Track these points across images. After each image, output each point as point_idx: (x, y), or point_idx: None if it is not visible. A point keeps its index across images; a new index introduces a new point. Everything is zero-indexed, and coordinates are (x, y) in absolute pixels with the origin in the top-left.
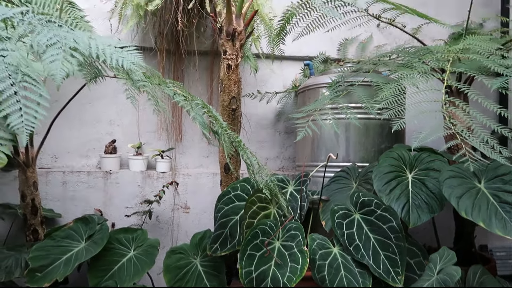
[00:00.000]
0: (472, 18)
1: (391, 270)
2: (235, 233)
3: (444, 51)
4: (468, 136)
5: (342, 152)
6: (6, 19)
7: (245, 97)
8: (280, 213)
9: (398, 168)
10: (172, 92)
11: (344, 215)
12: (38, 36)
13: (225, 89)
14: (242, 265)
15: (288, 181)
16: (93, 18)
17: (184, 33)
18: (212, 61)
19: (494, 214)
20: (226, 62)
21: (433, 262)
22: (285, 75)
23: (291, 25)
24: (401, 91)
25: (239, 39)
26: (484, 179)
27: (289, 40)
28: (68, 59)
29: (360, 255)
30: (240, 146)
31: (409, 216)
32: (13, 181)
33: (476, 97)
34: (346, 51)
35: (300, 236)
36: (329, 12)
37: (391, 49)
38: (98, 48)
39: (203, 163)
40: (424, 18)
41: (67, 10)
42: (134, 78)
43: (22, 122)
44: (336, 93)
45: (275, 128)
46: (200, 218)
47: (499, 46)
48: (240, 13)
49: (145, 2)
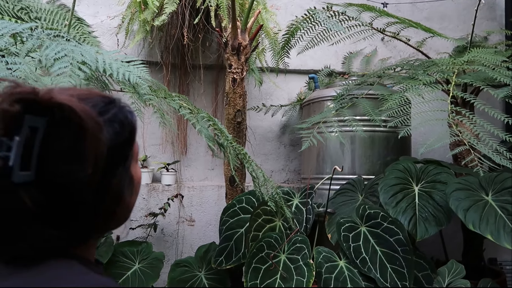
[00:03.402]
0: (476, 32)
1: (398, 284)
2: (240, 246)
3: (449, 64)
4: (476, 143)
5: (347, 164)
6: (16, 34)
7: (250, 110)
8: (286, 225)
9: (404, 180)
10: (177, 105)
11: (350, 228)
12: (47, 50)
13: (230, 102)
14: (247, 279)
15: (294, 194)
16: (101, 34)
17: (190, 47)
18: (217, 75)
19: (503, 227)
20: (232, 76)
21: (442, 275)
22: (290, 88)
23: (295, 39)
24: (406, 101)
25: (244, 53)
26: (492, 191)
27: (294, 53)
28: (75, 72)
29: (367, 268)
30: (246, 158)
31: (416, 229)
32: None
33: (482, 107)
34: (351, 65)
35: (306, 249)
36: (334, 26)
37: (396, 62)
38: (105, 62)
39: (208, 176)
40: (429, 32)
41: (75, 26)
42: (140, 92)
43: None
44: (341, 105)
45: (280, 140)
46: (205, 231)
47: (504, 59)
48: (245, 28)
49: (152, 18)
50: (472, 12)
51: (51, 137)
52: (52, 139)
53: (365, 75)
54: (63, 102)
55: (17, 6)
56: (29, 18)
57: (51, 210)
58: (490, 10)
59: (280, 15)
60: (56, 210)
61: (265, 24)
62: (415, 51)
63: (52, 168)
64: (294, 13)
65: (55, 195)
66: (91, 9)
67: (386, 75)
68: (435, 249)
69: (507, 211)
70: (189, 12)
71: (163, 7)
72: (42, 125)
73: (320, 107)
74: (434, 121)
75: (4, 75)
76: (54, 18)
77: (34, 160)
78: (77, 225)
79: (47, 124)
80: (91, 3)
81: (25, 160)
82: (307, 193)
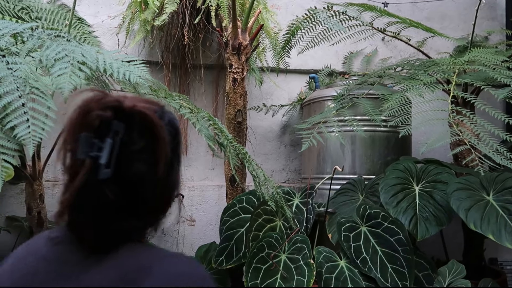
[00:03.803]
0: (476, 32)
1: (399, 284)
2: (240, 246)
3: (449, 63)
4: (477, 143)
5: (348, 164)
6: (16, 34)
7: (251, 110)
8: (286, 225)
9: (405, 180)
10: (178, 105)
11: (351, 228)
12: (47, 51)
13: (230, 102)
14: (248, 278)
15: (294, 194)
16: (101, 34)
17: (190, 47)
18: (217, 74)
19: (504, 226)
20: (232, 75)
21: (442, 275)
22: (291, 88)
23: (296, 39)
24: (406, 100)
25: (244, 53)
26: (493, 191)
27: (294, 53)
28: (76, 73)
29: (367, 268)
30: (246, 158)
31: (416, 228)
32: (20, 194)
33: (483, 107)
34: (351, 64)
35: (306, 249)
36: (334, 26)
37: (396, 62)
38: (105, 62)
39: (208, 175)
40: (429, 32)
41: (76, 25)
42: (141, 91)
43: (29, 133)
44: (341, 105)
45: (281, 140)
46: (205, 231)
47: (505, 59)
48: (246, 28)
49: (152, 17)
50: (473, 11)
51: (129, 140)
52: (130, 142)
53: (365, 75)
54: (142, 110)
55: (17, 6)
56: (29, 18)
57: (130, 203)
58: (490, 9)
59: (281, 15)
60: (134, 203)
61: (265, 24)
62: (415, 51)
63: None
64: (294, 13)
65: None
66: (91, 9)
67: (386, 75)
68: (435, 249)
69: (508, 210)
70: (189, 12)
71: (163, 7)
72: (122, 129)
73: (320, 107)
74: (435, 121)
75: (5, 75)
76: (54, 18)
77: (113, 159)
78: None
79: (126, 128)
80: (92, 3)
81: (108, 159)
82: (308, 193)
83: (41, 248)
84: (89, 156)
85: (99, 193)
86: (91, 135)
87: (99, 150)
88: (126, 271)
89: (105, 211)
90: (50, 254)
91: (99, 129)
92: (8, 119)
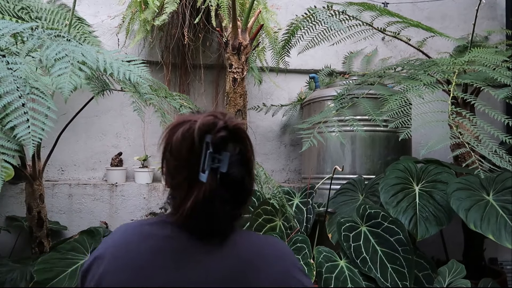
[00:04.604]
0: (477, 31)
1: (399, 284)
2: None
3: (449, 64)
4: (477, 146)
5: (348, 164)
6: (17, 34)
7: (251, 110)
8: (286, 225)
9: (405, 180)
10: (178, 104)
11: (351, 228)
12: (47, 50)
13: (230, 102)
14: None
15: (294, 194)
16: (101, 33)
17: (190, 47)
18: (217, 74)
19: (504, 226)
20: (232, 75)
21: (442, 275)
22: (291, 88)
23: (296, 38)
24: (406, 101)
25: (244, 53)
26: (493, 191)
27: (295, 53)
28: (76, 73)
29: (367, 268)
30: None
31: (416, 228)
32: (20, 193)
33: (482, 108)
34: (351, 64)
35: (306, 249)
36: (334, 25)
37: (396, 62)
38: (105, 62)
39: None
40: (429, 32)
41: (76, 25)
42: (141, 91)
43: (29, 133)
44: (341, 105)
45: (281, 140)
46: None
47: (505, 59)
48: (246, 28)
49: (152, 17)
50: (473, 11)
51: (232, 150)
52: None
53: (365, 74)
54: (240, 126)
55: (17, 6)
56: (29, 18)
57: (236, 198)
58: (491, 9)
59: (281, 15)
60: (238, 197)
61: (265, 24)
62: (415, 50)
63: (233, 170)
64: (294, 13)
65: (237, 187)
66: (91, 8)
67: (386, 75)
68: (435, 249)
69: (508, 210)
70: (189, 11)
71: (163, 7)
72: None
73: (320, 106)
74: (435, 122)
75: (5, 75)
76: (54, 18)
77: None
78: (244, 206)
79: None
80: (92, 2)
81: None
82: (308, 192)
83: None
84: (212, 168)
85: (220, 194)
86: (212, 152)
87: (219, 162)
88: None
89: (225, 207)
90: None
91: (218, 146)
92: (8, 119)
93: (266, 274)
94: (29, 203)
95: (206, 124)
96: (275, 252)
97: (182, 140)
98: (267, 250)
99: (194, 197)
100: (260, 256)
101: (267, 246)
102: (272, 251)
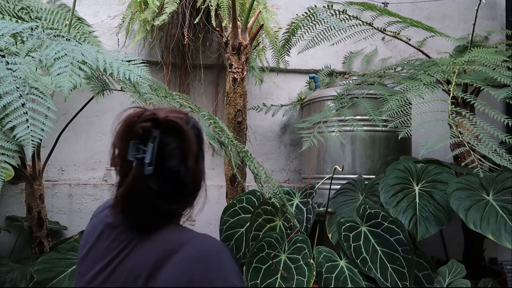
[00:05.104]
0: (476, 31)
1: (399, 284)
2: (240, 246)
3: (449, 63)
4: (477, 145)
5: (348, 164)
6: (16, 34)
7: (251, 110)
8: (286, 225)
9: (405, 180)
10: (178, 104)
11: (351, 228)
12: (47, 50)
13: (230, 102)
14: (248, 278)
15: (294, 194)
16: (101, 33)
17: (190, 47)
18: (217, 74)
19: (504, 226)
20: (232, 75)
21: (442, 275)
22: (291, 88)
23: (296, 38)
24: (406, 101)
25: (244, 53)
26: (492, 191)
27: (295, 53)
28: (75, 72)
29: (367, 268)
30: (247, 156)
31: (416, 228)
32: (20, 193)
33: (482, 108)
34: (351, 64)
35: (306, 249)
36: (334, 25)
37: (396, 62)
38: (105, 62)
39: (208, 175)
40: (429, 31)
41: (76, 25)
42: (141, 90)
43: (29, 133)
44: (341, 105)
45: (281, 140)
46: (205, 231)
47: (505, 59)
48: (246, 28)
49: (152, 17)
50: (473, 11)
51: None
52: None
53: (365, 74)
54: (173, 118)
55: (17, 6)
56: (29, 17)
57: (168, 191)
58: (491, 9)
59: (281, 15)
60: (171, 191)
61: (265, 24)
62: (415, 50)
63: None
64: (294, 13)
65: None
66: (91, 8)
67: (386, 75)
68: (435, 249)
69: (508, 210)
70: (189, 11)
71: (163, 7)
72: (158, 135)
73: (320, 106)
74: (435, 122)
75: (4, 75)
76: (54, 17)
77: (154, 158)
78: (182, 201)
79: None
80: (92, 2)
81: (150, 159)
82: (308, 192)
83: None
84: (136, 158)
85: (146, 185)
86: (137, 142)
87: (144, 153)
88: (168, 247)
89: (151, 199)
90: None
91: (142, 137)
92: (8, 120)
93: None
94: (29, 203)
95: (133, 115)
96: (194, 253)
97: (119, 130)
98: (185, 249)
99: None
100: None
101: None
102: (190, 252)
